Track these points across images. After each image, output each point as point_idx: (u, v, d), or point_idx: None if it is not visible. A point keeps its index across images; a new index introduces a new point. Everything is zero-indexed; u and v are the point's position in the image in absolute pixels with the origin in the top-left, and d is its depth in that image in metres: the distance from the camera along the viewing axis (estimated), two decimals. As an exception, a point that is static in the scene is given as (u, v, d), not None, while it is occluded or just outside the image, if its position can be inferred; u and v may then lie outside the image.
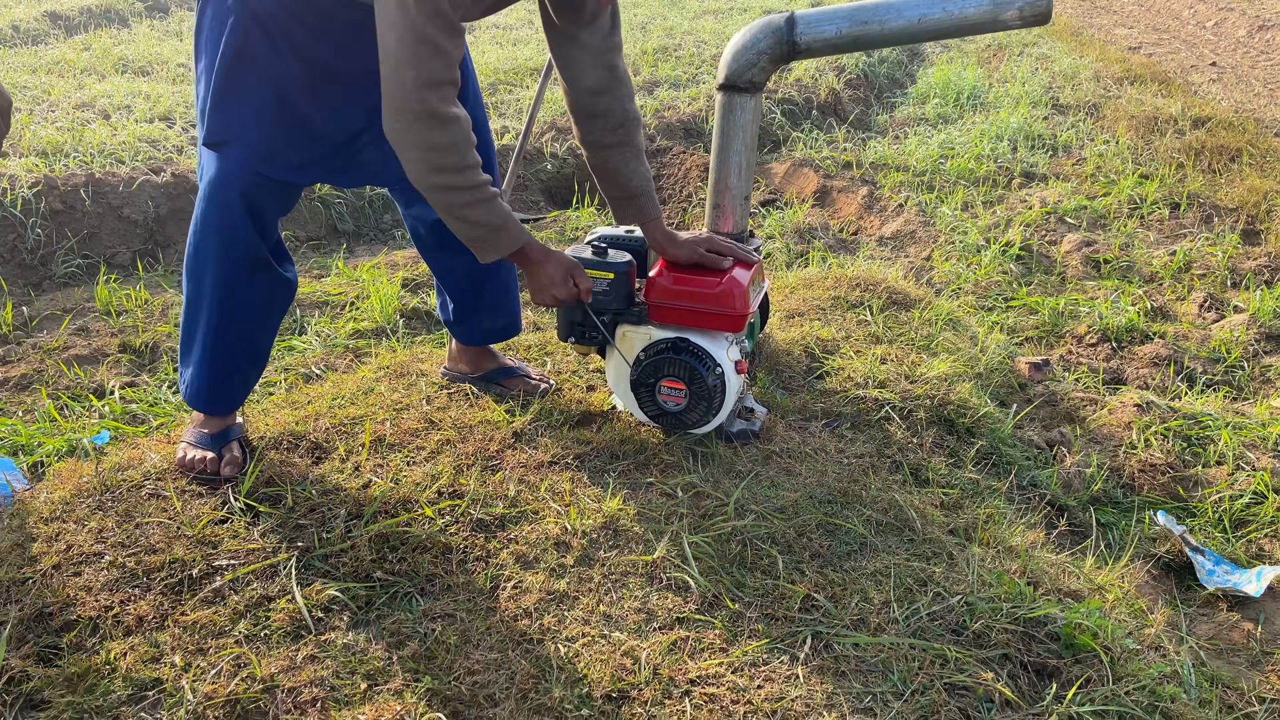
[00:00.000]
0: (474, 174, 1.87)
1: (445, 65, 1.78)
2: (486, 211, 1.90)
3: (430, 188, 1.87)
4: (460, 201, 1.88)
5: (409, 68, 1.75)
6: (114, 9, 9.52)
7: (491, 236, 1.94)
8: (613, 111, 2.15)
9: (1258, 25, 10.75)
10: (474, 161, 1.87)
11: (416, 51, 1.74)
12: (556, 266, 2.05)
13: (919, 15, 2.15)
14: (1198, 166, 5.36)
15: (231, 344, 2.11)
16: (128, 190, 4.16)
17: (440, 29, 1.74)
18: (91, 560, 1.82)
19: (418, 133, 1.80)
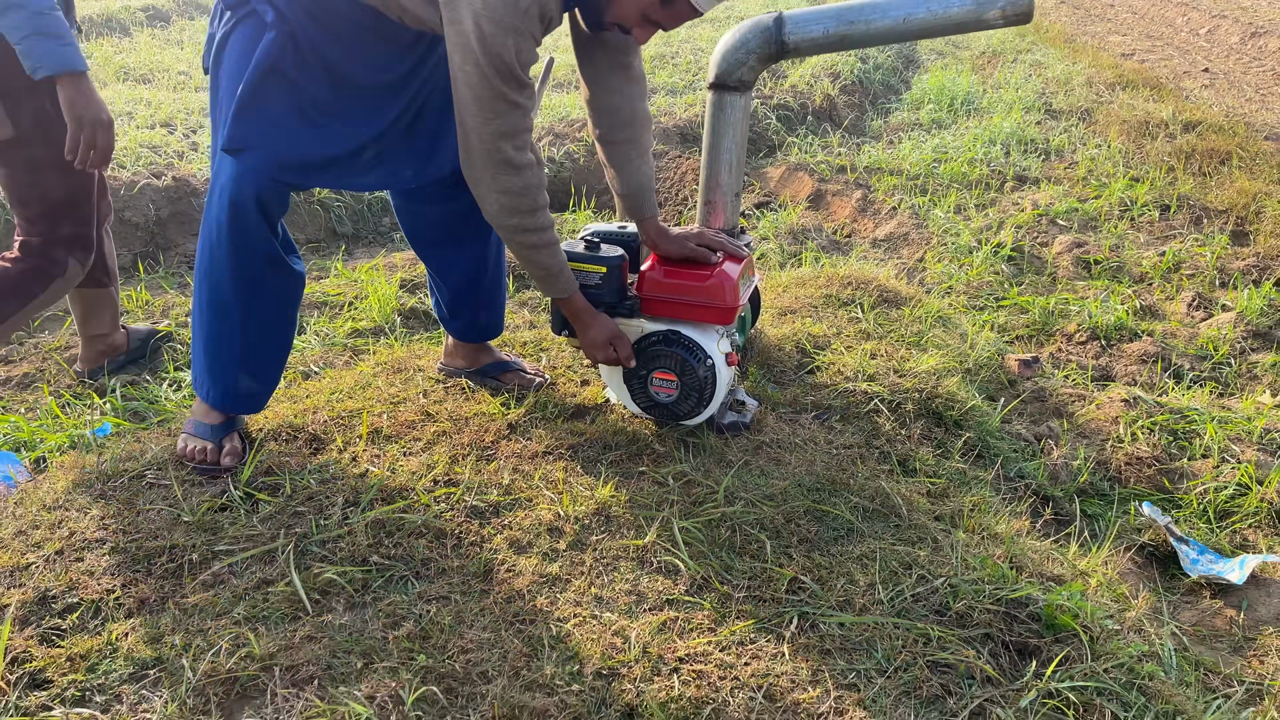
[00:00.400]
0: (544, 216, 2.00)
1: (521, 116, 1.89)
2: (548, 255, 2.04)
3: (504, 227, 2.00)
4: (529, 242, 2.01)
5: (485, 122, 1.86)
6: (115, 18, 9.58)
7: (548, 278, 2.08)
8: (622, 109, 2.21)
9: (1250, 32, 10.83)
10: (544, 203, 2.00)
11: (494, 108, 1.85)
12: (599, 330, 2.16)
13: (904, 15, 2.20)
14: (1188, 169, 5.41)
15: (260, 338, 2.16)
16: (129, 194, 4.20)
17: (512, 86, 1.84)
18: (94, 546, 1.86)
19: (494, 180, 1.92)
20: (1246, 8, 13.28)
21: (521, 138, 1.92)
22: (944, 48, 9.92)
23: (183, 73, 7.19)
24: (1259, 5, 13.72)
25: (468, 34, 1.78)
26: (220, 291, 2.09)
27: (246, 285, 2.09)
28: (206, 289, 2.11)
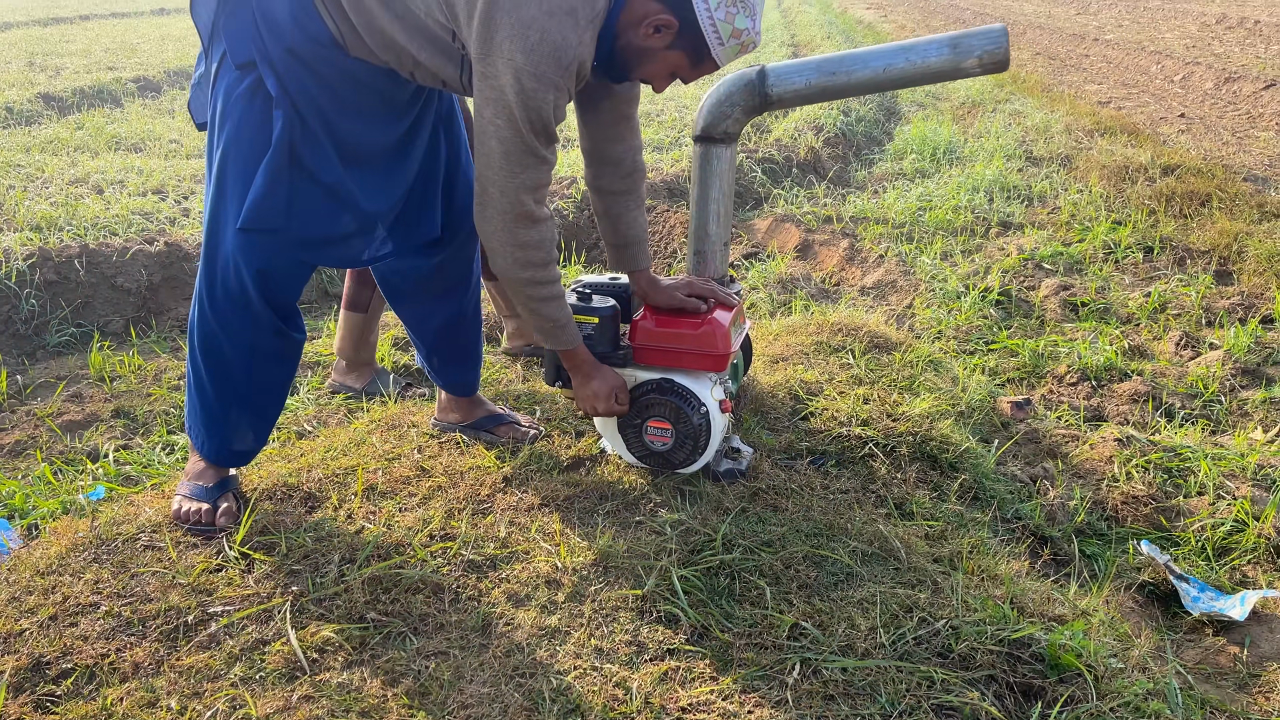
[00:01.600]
0: (553, 270, 2.03)
1: (546, 170, 1.92)
2: (556, 308, 2.07)
3: (517, 280, 2.01)
4: (539, 295, 2.03)
5: (510, 176, 1.88)
6: (106, 89, 9.71)
7: (555, 330, 2.09)
8: (624, 160, 2.25)
9: (1224, 77, 11.05)
10: (555, 258, 2.03)
11: (524, 161, 1.87)
12: (602, 382, 2.17)
13: (884, 65, 2.25)
14: (1169, 212, 5.48)
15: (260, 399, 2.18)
16: (121, 260, 4.23)
17: (543, 141, 1.88)
18: (87, 610, 1.84)
19: (512, 231, 1.94)
20: (1219, 54, 13.58)
21: (542, 192, 1.94)
22: (924, 99, 10.09)
23: (174, 140, 7.27)
24: (1231, 52, 14.03)
25: (504, 89, 1.79)
26: (220, 356, 2.10)
27: (248, 352, 2.10)
28: (204, 352, 2.11)
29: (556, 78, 1.79)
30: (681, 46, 1.91)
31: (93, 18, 20.17)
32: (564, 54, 1.78)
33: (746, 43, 1.93)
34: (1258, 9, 22.86)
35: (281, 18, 1.90)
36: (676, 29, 1.88)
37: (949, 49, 2.21)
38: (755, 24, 1.91)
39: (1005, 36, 2.17)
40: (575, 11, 1.78)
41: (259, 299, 2.03)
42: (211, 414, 2.15)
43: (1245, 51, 14.15)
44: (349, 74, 1.97)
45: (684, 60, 1.94)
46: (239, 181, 1.95)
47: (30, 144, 7.02)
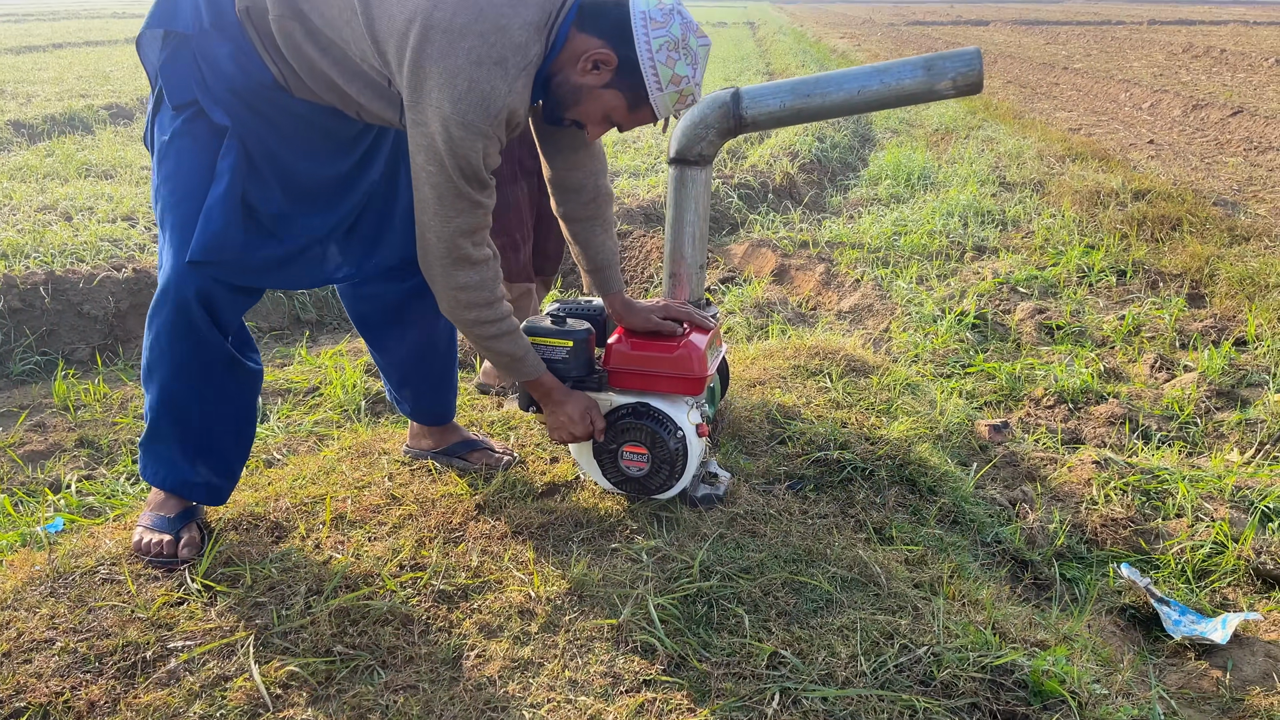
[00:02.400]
0: (500, 307, 2.00)
1: (482, 214, 1.90)
2: (509, 343, 2.04)
3: (461, 321, 2.00)
4: (487, 334, 2.01)
5: (445, 221, 1.86)
6: (78, 116, 9.63)
7: (513, 364, 2.07)
8: (585, 187, 2.22)
9: (1192, 105, 11.23)
10: (500, 296, 2.00)
11: (456, 206, 1.85)
12: (575, 405, 2.14)
13: (858, 87, 2.24)
14: (1141, 236, 5.53)
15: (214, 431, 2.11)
16: (88, 287, 4.16)
17: (475, 187, 1.85)
18: (42, 647, 1.77)
19: (452, 275, 1.92)
20: (1186, 83, 13.81)
21: (479, 234, 1.92)
22: (898, 126, 10.18)
23: (145, 167, 7.20)
24: (1198, 80, 14.29)
25: (434, 136, 1.77)
26: (169, 386, 2.04)
27: (197, 381, 2.04)
28: (156, 382, 2.06)
29: (485, 126, 1.76)
30: (619, 87, 1.87)
31: (66, 46, 20.07)
32: (492, 103, 1.75)
33: (685, 92, 1.88)
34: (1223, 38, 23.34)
35: (223, 60, 1.88)
36: (615, 66, 1.84)
37: (923, 71, 2.20)
38: (696, 74, 1.87)
39: (979, 59, 2.18)
40: (505, 61, 1.75)
41: (206, 324, 1.98)
42: (164, 444, 2.09)
43: (1212, 79, 14.42)
44: (294, 114, 1.96)
45: (621, 103, 1.89)
46: (179, 216, 1.93)
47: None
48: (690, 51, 1.84)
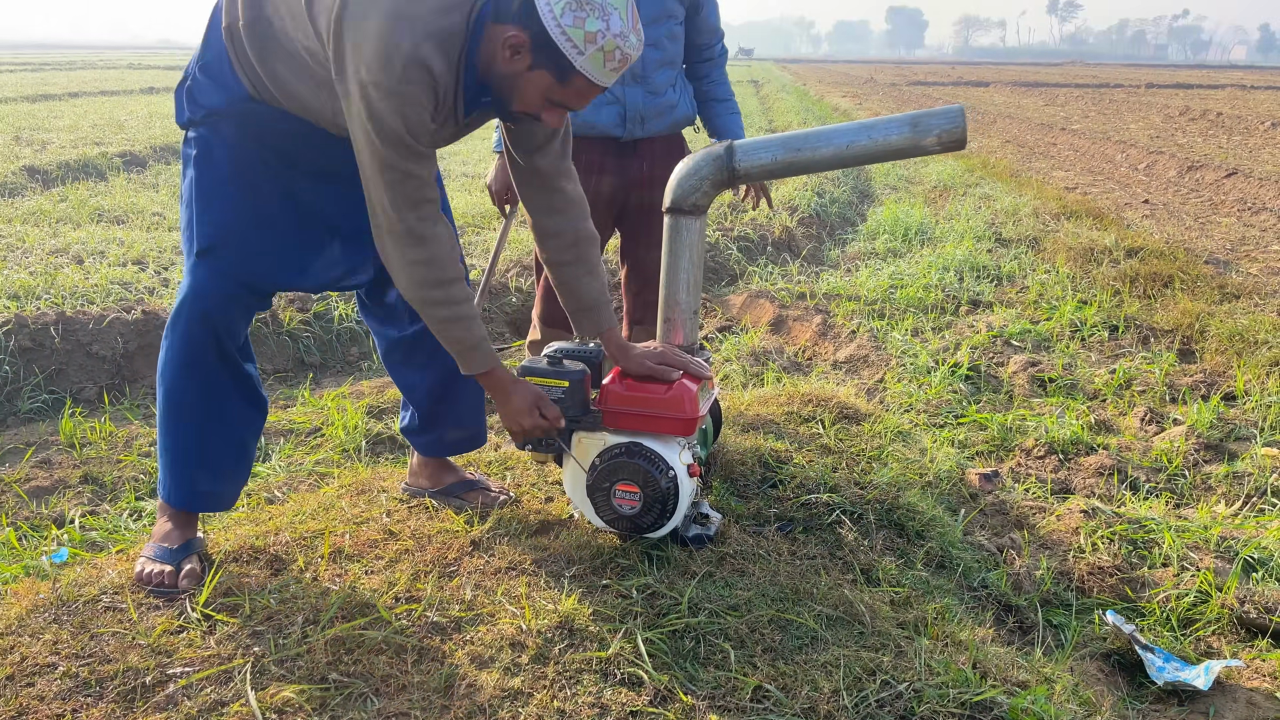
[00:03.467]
0: (454, 289, 2.03)
1: (417, 186, 1.94)
2: (462, 329, 2.06)
3: (415, 300, 2.04)
4: (440, 315, 2.04)
5: (384, 192, 1.92)
6: (92, 163, 9.81)
7: (466, 353, 2.10)
8: (565, 232, 2.29)
9: (1187, 166, 11.41)
10: (454, 276, 2.02)
11: (389, 178, 1.91)
12: (522, 397, 2.16)
13: (847, 142, 2.33)
14: (1133, 292, 5.62)
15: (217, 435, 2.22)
16: (98, 328, 4.24)
17: (404, 154, 1.90)
18: (45, 671, 1.81)
19: (400, 250, 1.98)
20: (1182, 144, 14.03)
21: (425, 209, 1.96)
22: (897, 183, 10.35)
23: (156, 213, 7.34)
24: (1194, 142, 14.51)
25: (358, 104, 1.85)
26: (176, 391, 2.16)
27: (201, 383, 2.16)
28: (164, 388, 2.19)
29: (395, 85, 1.81)
30: (542, 65, 1.87)
31: (82, 95, 20.47)
32: (394, 59, 1.80)
33: (609, 49, 1.84)
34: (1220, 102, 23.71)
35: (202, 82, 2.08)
36: (529, 44, 1.85)
37: (909, 127, 2.29)
38: (611, 26, 1.82)
39: (962, 116, 2.27)
40: (415, 20, 1.81)
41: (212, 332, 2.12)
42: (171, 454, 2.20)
43: (1208, 141, 14.64)
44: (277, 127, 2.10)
45: (551, 80, 1.89)
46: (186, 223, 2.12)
47: (12, 215, 7.07)
48: (596, 6, 1.81)
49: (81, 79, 27.44)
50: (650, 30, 2.99)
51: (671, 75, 3.13)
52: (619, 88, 3.01)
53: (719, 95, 3.31)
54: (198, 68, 2.10)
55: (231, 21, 2.02)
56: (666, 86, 3.11)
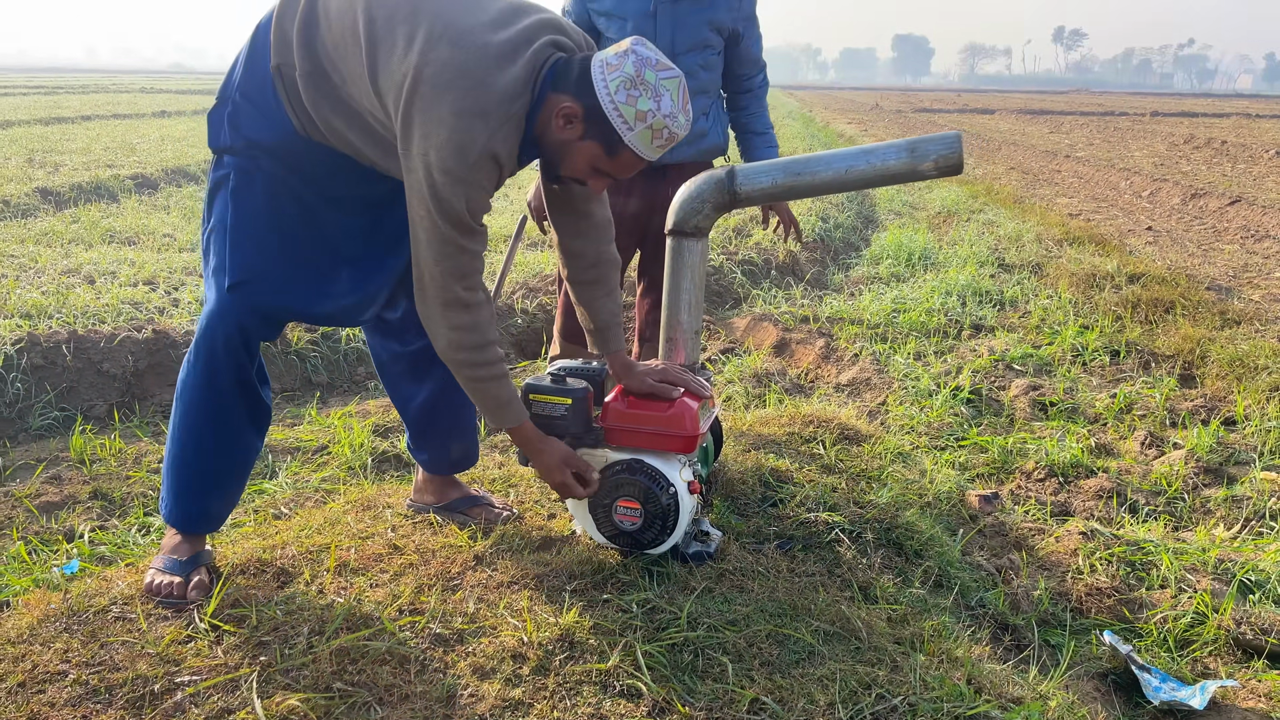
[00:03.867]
0: (490, 351, 2.11)
1: (470, 260, 2.03)
2: (496, 387, 2.14)
3: (453, 361, 2.11)
4: (477, 375, 2.12)
5: (437, 264, 2.00)
6: (104, 185, 9.93)
7: (498, 409, 2.17)
8: (586, 254, 2.35)
9: (1191, 194, 11.46)
10: (490, 339, 2.11)
11: (444, 250, 1.98)
12: (551, 455, 2.23)
13: (846, 167, 2.39)
14: (1135, 318, 5.65)
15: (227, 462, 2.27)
16: (109, 346, 4.30)
17: (463, 233, 1.98)
18: (55, 678, 1.85)
19: (445, 316, 2.05)
20: (1186, 172, 14.09)
21: (472, 279, 2.04)
22: (901, 208, 10.41)
23: (168, 235, 7.42)
24: (1198, 170, 14.57)
25: (421, 182, 1.92)
26: (193, 414, 2.21)
27: (218, 410, 2.21)
28: (180, 410, 2.23)
29: (465, 174, 1.89)
30: (593, 136, 1.96)
31: (94, 118, 20.69)
32: (469, 151, 1.88)
33: (657, 127, 1.93)
34: (1225, 130, 23.80)
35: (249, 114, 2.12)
36: (582, 116, 1.94)
37: (906, 153, 2.34)
38: (661, 106, 1.91)
39: (959, 141, 2.32)
40: (487, 113, 1.88)
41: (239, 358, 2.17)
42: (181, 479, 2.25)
43: (1212, 169, 14.71)
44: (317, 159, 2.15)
45: (600, 151, 1.98)
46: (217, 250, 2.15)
47: (25, 236, 7.16)
48: (649, 86, 1.90)
49: (94, 102, 27.74)
50: (685, 59, 3.06)
51: (705, 103, 3.18)
52: None
53: (757, 128, 3.35)
54: (239, 93, 2.13)
55: (282, 64, 2.06)
56: (699, 114, 3.17)
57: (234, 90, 2.15)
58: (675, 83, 1.95)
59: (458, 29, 1.91)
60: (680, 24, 3.03)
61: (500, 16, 1.97)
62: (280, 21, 2.06)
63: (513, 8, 2.01)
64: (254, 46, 2.13)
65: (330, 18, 2.01)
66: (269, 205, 2.15)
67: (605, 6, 3.07)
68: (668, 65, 1.95)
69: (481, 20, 1.95)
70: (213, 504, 2.31)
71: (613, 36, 3.09)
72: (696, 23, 3.04)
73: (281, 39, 2.05)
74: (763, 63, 3.32)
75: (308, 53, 2.03)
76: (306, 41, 2.02)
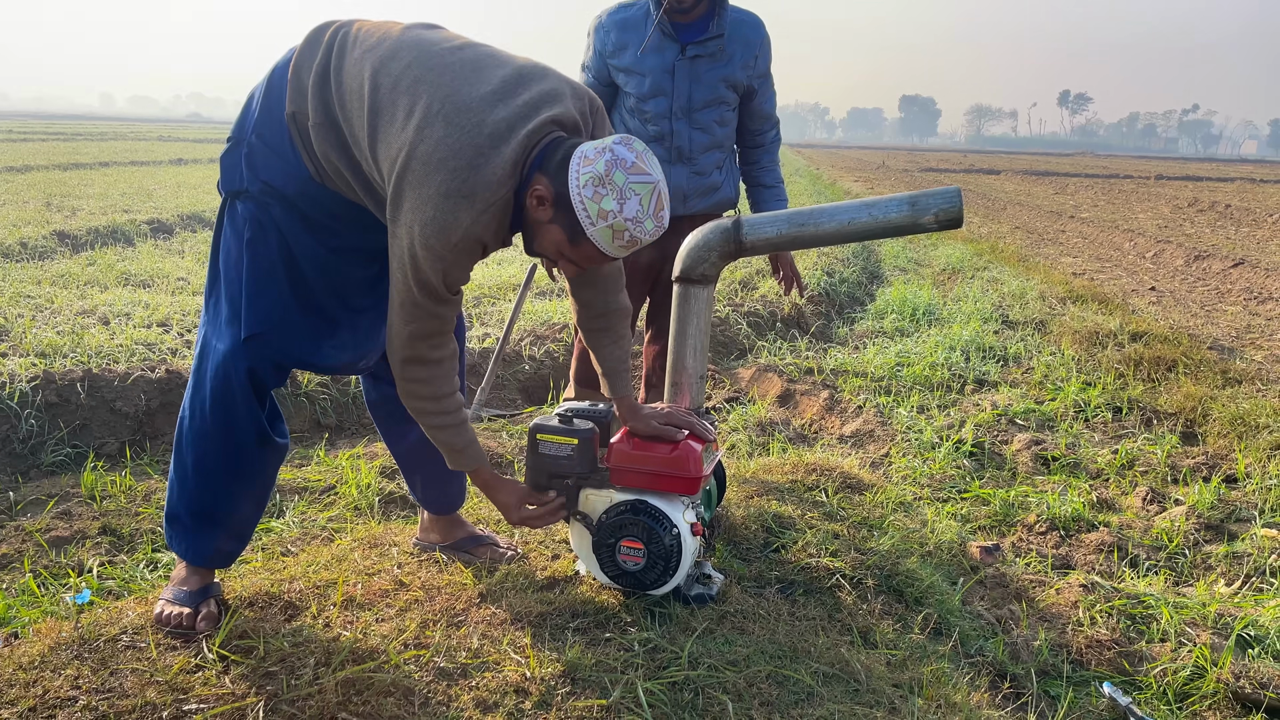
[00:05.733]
0: (447, 401, 2.20)
1: (439, 325, 2.09)
2: (452, 435, 2.24)
3: (411, 409, 2.22)
4: (430, 423, 2.22)
5: (406, 324, 2.08)
6: (120, 229, 10.08)
7: (453, 454, 2.27)
8: (593, 303, 2.40)
9: (1194, 255, 11.56)
10: (447, 391, 2.19)
11: (413, 313, 2.05)
12: (508, 494, 2.34)
13: (849, 219, 2.46)
14: (1137, 375, 5.70)
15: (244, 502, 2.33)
16: (122, 385, 4.36)
17: (434, 301, 2.04)
18: (65, 704, 1.88)
19: (404, 370, 2.15)
20: (1190, 234, 14.22)
21: (437, 338, 2.11)
22: (906, 264, 10.52)
23: (182, 279, 7.53)
24: (1201, 232, 14.70)
25: (404, 251, 1.98)
26: (203, 458, 2.24)
27: (231, 453, 2.25)
28: (193, 457, 2.25)
29: (445, 252, 1.94)
30: (558, 221, 1.97)
31: (112, 165, 21.02)
32: (451, 233, 1.92)
33: (618, 228, 1.92)
34: (1229, 194, 24.02)
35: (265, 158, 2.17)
36: (552, 200, 1.95)
37: (908, 206, 2.42)
38: (625, 210, 1.91)
39: (959, 196, 2.39)
40: (473, 196, 1.91)
41: (248, 401, 2.21)
42: (197, 519, 2.28)
43: (1215, 232, 14.83)
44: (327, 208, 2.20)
45: (563, 237, 1.98)
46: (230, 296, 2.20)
47: (42, 277, 7.27)
48: (616, 187, 1.89)
49: (112, 149, 28.19)
50: (702, 115, 3.16)
51: (719, 158, 3.28)
52: (665, 166, 3.15)
53: (767, 181, 3.44)
54: (255, 135, 2.17)
55: (297, 112, 2.10)
56: (712, 168, 3.26)
57: (250, 132, 2.18)
58: (648, 188, 1.93)
59: (455, 105, 1.93)
60: (697, 80, 3.14)
61: (503, 87, 1.98)
62: (298, 70, 2.11)
63: (518, 76, 2.01)
64: (270, 90, 2.17)
65: (343, 76, 2.05)
66: (284, 257, 2.19)
67: (624, 63, 3.17)
68: (644, 170, 1.93)
69: (482, 93, 1.96)
70: (227, 544, 2.36)
71: (631, 91, 3.19)
72: (713, 80, 3.14)
73: (298, 87, 2.10)
74: (775, 119, 3.41)
75: (321, 104, 2.07)
76: (320, 94, 2.07)
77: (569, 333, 5.72)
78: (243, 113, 2.24)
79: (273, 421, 2.29)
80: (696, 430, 2.40)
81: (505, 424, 4.67)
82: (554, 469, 2.35)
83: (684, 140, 3.21)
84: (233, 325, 2.20)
